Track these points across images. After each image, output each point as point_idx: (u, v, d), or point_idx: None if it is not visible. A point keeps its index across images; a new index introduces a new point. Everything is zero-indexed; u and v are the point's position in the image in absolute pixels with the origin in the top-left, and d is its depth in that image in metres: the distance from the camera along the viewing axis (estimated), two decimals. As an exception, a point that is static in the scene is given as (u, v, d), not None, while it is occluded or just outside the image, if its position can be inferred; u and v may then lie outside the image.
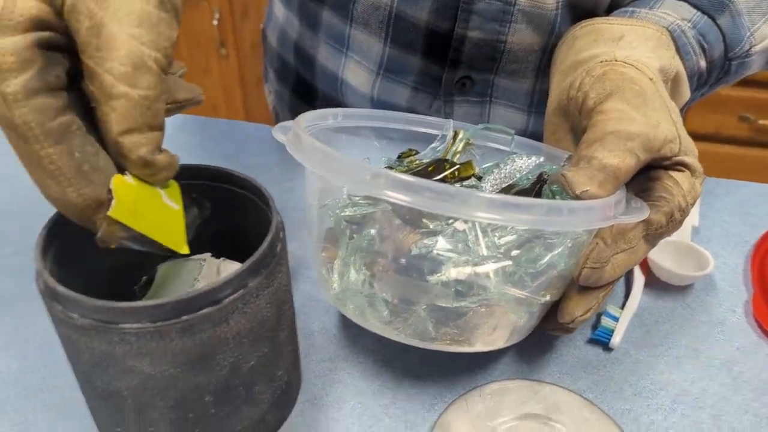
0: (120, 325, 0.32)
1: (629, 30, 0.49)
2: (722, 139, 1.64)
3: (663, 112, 0.43)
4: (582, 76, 0.47)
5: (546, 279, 0.43)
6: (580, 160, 0.41)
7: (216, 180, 0.43)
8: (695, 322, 0.53)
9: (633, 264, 0.44)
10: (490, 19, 0.57)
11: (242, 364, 0.37)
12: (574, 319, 0.44)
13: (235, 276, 0.34)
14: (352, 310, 0.45)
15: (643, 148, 0.41)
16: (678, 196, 0.43)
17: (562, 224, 0.37)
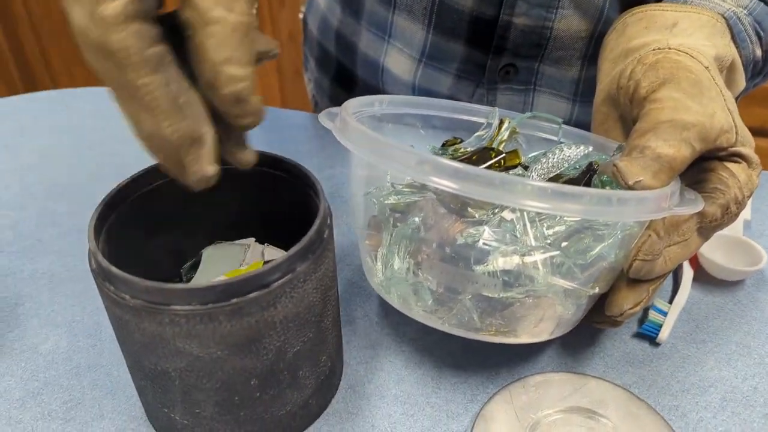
0: (171, 307, 0.33)
1: (683, 16, 0.48)
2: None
3: (719, 102, 0.42)
4: (633, 64, 0.46)
5: (595, 270, 0.42)
6: (632, 150, 0.40)
7: (262, 165, 0.43)
8: (746, 318, 0.52)
9: (686, 257, 0.43)
10: (536, 5, 0.56)
11: (288, 349, 0.37)
12: (623, 312, 0.43)
13: (284, 260, 0.34)
14: (396, 298, 0.45)
15: (698, 138, 0.40)
16: (734, 187, 0.42)
17: (614, 214, 0.36)
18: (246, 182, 0.44)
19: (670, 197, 0.38)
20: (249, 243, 0.45)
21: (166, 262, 0.46)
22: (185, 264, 0.47)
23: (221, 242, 0.46)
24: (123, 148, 0.74)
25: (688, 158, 0.40)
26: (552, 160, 0.46)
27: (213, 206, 0.45)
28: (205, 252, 0.46)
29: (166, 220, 0.44)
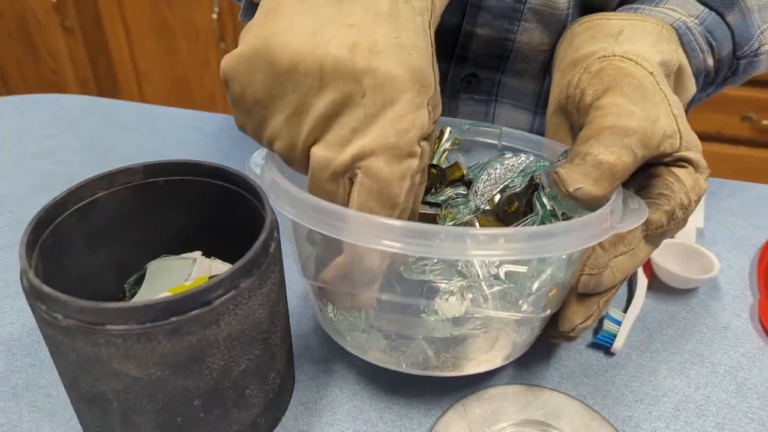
0: (106, 326, 0.31)
1: (628, 24, 0.48)
2: (724, 139, 1.62)
3: (663, 107, 0.42)
4: (580, 72, 0.46)
5: (545, 294, 0.41)
6: (574, 157, 0.39)
7: (209, 176, 0.42)
8: (699, 326, 0.52)
9: (634, 267, 0.43)
10: (499, 16, 0.55)
11: (233, 367, 0.36)
12: (575, 327, 0.43)
13: (227, 276, 0.33)
14: (350, 342, 0.44)
15: (641, 145, 0.40)
16: (680, 192, 0.42)
17: (555, 248, 0.35)
18: (193, 194, 0.43)
19: (610, 216, 0.37)
20: (196, 257, 0.44)
21: (110, 276, 0.44)
22: (129, 279, 0.45)
23: (167, 256, 0.45)
24: (71, 158, 0.72)
25: (630, 165, 0.39)
26: (495, 174, 0.45)
27: (159, 218, 0.44)
28: (150, 266, 0.44)
29: (109, 233, 0.42)
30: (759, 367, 0.48)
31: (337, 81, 0.34)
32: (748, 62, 0.52)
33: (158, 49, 1.91)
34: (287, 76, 0.34)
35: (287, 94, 0.35)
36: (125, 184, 0.42)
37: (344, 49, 0.34)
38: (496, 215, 0.44)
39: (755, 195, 0.67)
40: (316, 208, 0.35)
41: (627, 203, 0.40)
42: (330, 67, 0.34)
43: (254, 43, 0.35)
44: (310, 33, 0.34)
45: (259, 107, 0.36)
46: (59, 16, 1.88)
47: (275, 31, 0.34)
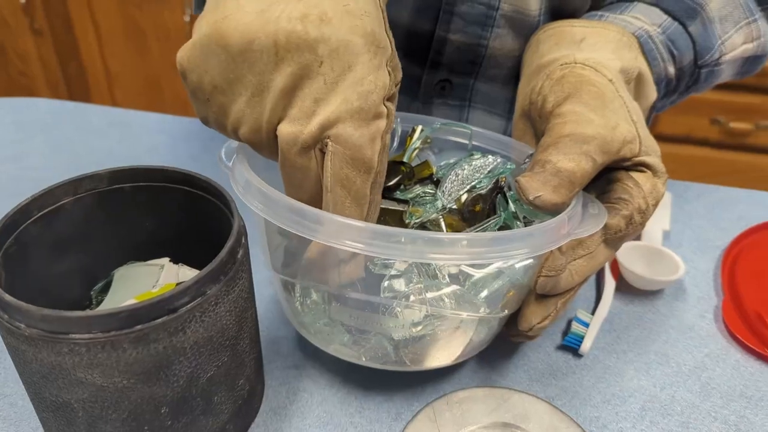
0: (69, 336, 0.31)
1: (591, 32, 0.49)
2: (694, 142, 1.65)
3: (622, 113, 0.43)
4: (543, 79, 0.46)
5: (502, 295, 0.42)
6: (535, 165, 0.40)
7: (175, 182, 0.42)
8: (665, 327, 0.53)
9: (593, 270, 0.44)
10: (472, 23, 0.56)
11: (200, 374, 0.35)
12: (532, 327, 0.43)
13: (193, 283, 0.33)
14: (313, 334, 0.45)
15: (600, 151, 0.40)
16: (638, 197, 0.43)
17: (513, 253, 0.36)
18: (160, 200, 0.43)
19: (568, 222, 0.38)
20: (163, 263, 0.44)
21: (76, 284, 0.44)
22: (96, 286, 0.45)
23: (134, 262, 0.45)
24: (39, 163, 0.71)
25: (589, 171, 0.40)
26: (463, 174, 0.45)
27: (126, 225, 0.44)
28: (117, 273, 0.44)
29: (75, 240, 0.42)
30: (722, 367, 0.49)
31: (292, 54, 0.34)
32: (710, 71, 0.53)
33: (129, 51, 1.89)
34: (242, 56, 0.34)
35: (245, 76, 0.35)
36: (91, 190, 0.41)
37: (295, 21, 0.34)
38: (461, 215, 0.45)
39: (719, 197, 0.68)
40: (287, 207, 0.35)
41: (587, 208, 0.41)
42: (283, 41, 0.34)
43: (205, 30, 0.35)
44: (259, 11, 0.34)
45: (217, 94, 0.36)
46: (28, 18, 1.85)
47: (225, 15, 0.34)
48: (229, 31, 0.34)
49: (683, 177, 0.72)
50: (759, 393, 0.47)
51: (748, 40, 0.53)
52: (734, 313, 0.54)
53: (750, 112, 1.59)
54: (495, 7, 0.55)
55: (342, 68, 0.34)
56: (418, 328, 0.41)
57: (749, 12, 0.53)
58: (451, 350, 0.44)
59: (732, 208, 0.67)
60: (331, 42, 0.34)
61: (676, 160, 1.66)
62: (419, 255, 0.34)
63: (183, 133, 0.77)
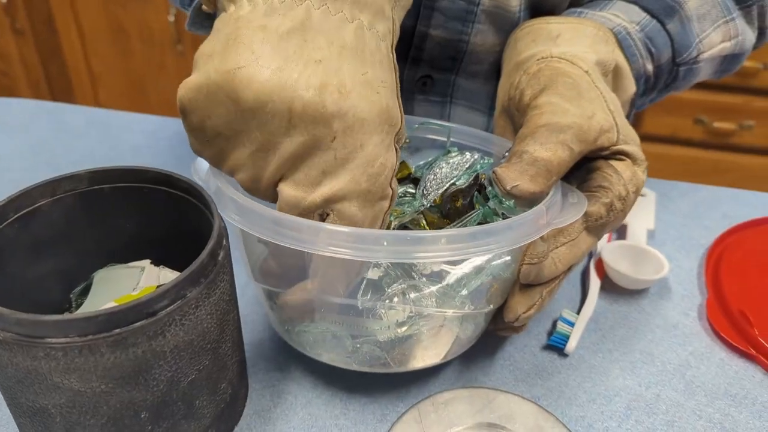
0: (45, 340, 0.30)
1: (566, 28, 0.49)
2: (678, 141, 1.66)
3: (599, 103, 0.43)
4: (520, 75, 0.47)
5: (486, 290, 0.42)
6: (512, 156, 0.41)
7: (156, 183, 0.41)
8: (650, 326, 0.53)
9: (576, 258, 0.44)
10: (452, 18, 0.56)
11: (181, 379, 0.35)
12: (518, 317, 0.43)
13: (172, 286, 0.32)
14: (296, 339, 0.45)
15: (576, 140, 0.41)
16: (617, 184, 0.43)
17: (493, 246, 0.36)
18: (141, 201, 0.42)
19: (547, 212, 0.38)
20: (144, 265, 0.43)
21: (55, 286, 0.43)
22: (76, 288, 0.44)
23: (115, 265, 0.44)
24: (17, 164, 0.70)
25: (566, 160, 0.40)
26: (441, 173, 0.45)
27: (106, 226, 0.43)
28: (97, 275, 0.43)
29: (53, 243, 0.41)
30: (706, 365, 0.49)
31: (306, 124, 0.33)
32: (688, 69, 0.53)
33: (113, 52, 1.87)
34: (252, 114, 0.33)
35: (252, 131, 0.34)
36: (70, 191, 0.40)
37: (313, 90, 0.33)
38: (440, 211, 0.45)
39: (703, 196, 0.69)
40: (262, 216, 0.35)
41: (567, 197, 0.41)
42: (299, 110, 0.33)
43: (215, 77, 0.33)
44: (276, 69, 0.33)
45: (220, 139, 0.35)
46: (9, 18, 1.83)
47: (238, 65, 0.33)
48: (242, 86, 0.33)
49: (668, 176, 0.72)
50: (743, 391, 0.47)
51: (726, 38, 0.54)
52: (718, 311, 0.54)
53: (733, 112, 1.60)
54: (475, 3, 0.54)
55: (354, 146, 0.34)
56: (403, 329, 0.41)
57: (727, 11, 0.53)
58: (438, 349, 0.44)
59: (716, 207, 0.67)
60: (347, 119, 0.34)
61: (660, 160, 1.67)
62: (402, 255, 0.34)
63: (166, 134, 0.76)
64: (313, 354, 0.45)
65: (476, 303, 0.42)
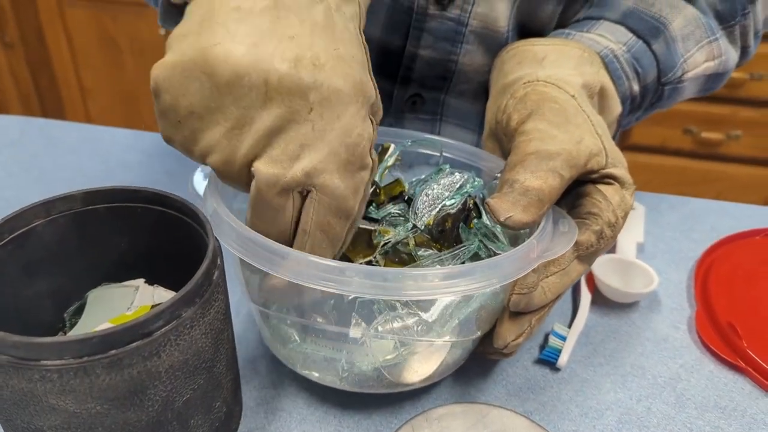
0: (41, 362, 0.30)
1: (551, 50, 0.50)
2: (668, 152, 1.68)
3: (586, 127, 0.43)
4: (507, 98, 0.47)
5: (474, 319, 0.42)
6: (503, 185, 0.41)
7: (150, 203, 0.41)
8: (641, 339, 0.53)
9: (566, 286, 0.44)
10: (441, 39, 0.56)
11: (176, 398, 0.35)
12: (507, 344, 0.43)
13: (168, 306, 0.33)
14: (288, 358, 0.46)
15: (566, 166, 0.41)
16: (607, 211, 0.43)
17: (486, 284, 0.36)
18: (135, 220, 0.42)
19: (538, 245, 0.38)
20: (138, 284, 0.43)
21: (49, 307, 0.43)
22: (69, 308, 0.44)
23: (108, 284, 0.44)
24: (7, 181, 0.70)
25: (557, 187, 0.40)
26: (432, 193, 0.46)
27: (100, 246, 0.43)
28: (91, 294, 0.43)
29: (47, 262, 0.41)
30: (696, 378, 0.50)
31: (282, 96, 0.34)
32: (673, 88, 0.54)
33: (104, 65, 1.87)
34: (228, 88, 0.34)
35: (227, 107, 0.34)
36: (64, 211, 0.41)
37: (288, 63, 0.34)
38: (431, 233, 0.45)
39: (691, 209, 0.70)
40: (255, 243, 0.36)
41: (557, 225, 0.41)
42: (275, 82, 0.33)
43: (191, 54, 0.34)
44: (251, 44, 0.34)
45: (192, 119, 0.35)
46: (-1, 31, 1.83)
47: (214, 42, 0.34)
48: (218, 60, 0.33)
49: (657, 186, 0.73)
50: (732, 403, 0.48)
51: (710, 58, 0.55)
52: (707, 323, 0.54)
53: (721, 123, 1.62)
54: (464, 24, 0.55)
55: (331, 117, 0.34)
56: (392, 356, 0.41)
57: (711, 32, 0.54)
58: (426, 372, 0.44)
59: (704, 220, 0.68)
60: (323, 90, 0.34)
61: (650, 170, 1.69)
62: (391, 292, 0.35)
63: (157, 150, 0.76)
64: (304, 373, 0.45)
65: (464, 330, 0.42)
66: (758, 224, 0.67)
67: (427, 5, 0.55)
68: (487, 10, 0.54)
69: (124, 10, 1.75)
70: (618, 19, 0.53)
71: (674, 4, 0.53)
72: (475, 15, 0.55)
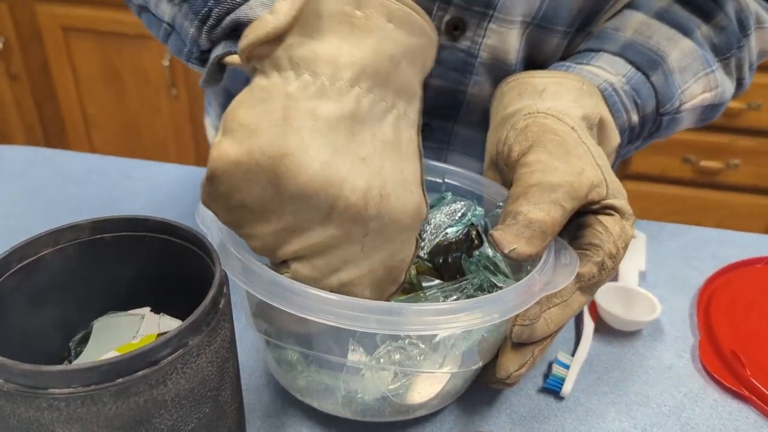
0: (48, 390, 0.31)
1: (551, 82, 0.50)
2: (667, 181, 1.69)
3: (587, 159, 0.44)
4: (507, 129, 0.48)
5: (475, 351, 0.42)
6: (506, 217, 0.41)
7: (156, 231, 0.42)
8: (644, 368, 0.53)
9: (568, 317, 0.44)
10: (451, 69, 0.57)
11: (181, 427, 0.35)
12: (509, 375, 0.43)
13: (175, 334, 0.33)
14: (292, 386, 0.46)
15: (568, 197, 0.42)
16: (608, 242, 0.43)
17: (488, 319, 0.36)
18: (141, 249, 0.42)
19: (540, 278, 0.39)
20: (144, 313, 0.43)
21: (54, 335, 0.43)
22: (75, 337, 0.44)
23: (114, 313, 0.44)
24: (14, 211, 0.70)
25: (560, 219, 0.41)
26: (435, 221, 0.46)
27: (106, 275, 0.43)
28: (96, 323, 0.43)
29: (54, 292, 0.41)
30: (701, 407, 0.50)
31: (344, 221, 0.34)
32: (671, 118, 0.55)
33: (108, 96, 1.89)
34: (291, 201, 0.34)
35: (284, 214, 0.34)
36: (72, 241, 0.41)
37: (358, 193, 0.34)
38: (432, 262, 0.45)
39: (692, 237, 0.70)
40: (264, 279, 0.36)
41: (559, 257, 0.42)
42: (341, 209, 0.34)
43: (259, 157, 0.33)
44: (325, 162, 0.33)
45: (244, 211, 0.35)
46: (5, 63, 1.85)
47: (286, 152, 0.33)
48: (289, 173, 0.33)
49: (657, 214, 0.74)
50: (738, 432, 0.48)
51: (707, 89, 0.56)
52: (711, 352, 0.54)
53: (719, 151, 1.63)
54: (474, 55, 0.56)
55: (383, 243, 0.36)
56: (394, 385, 0.41)
57: (707, 63, 0.55)
58: (426, 401, 0.44)
59: (705, 248, 0.68)
60: (384, 220, 0.35)
61: (650, 199, 1.69)
62: (393, 326, 0.35)
63: (162, 179, 0.77)
64: (306, 401, 0.45)
65: (467, 361, 0.43)
66: (759, 252, 0.67)
67: (439, 36, 0.56)
68: (498, 42, 0.55)
69: (129, 42, 1.77)
70: (617, 51, 0.54)
71: (672, 37, 0.54)
72: (485, 47, 0.56)
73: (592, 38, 0.57)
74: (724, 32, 0.56)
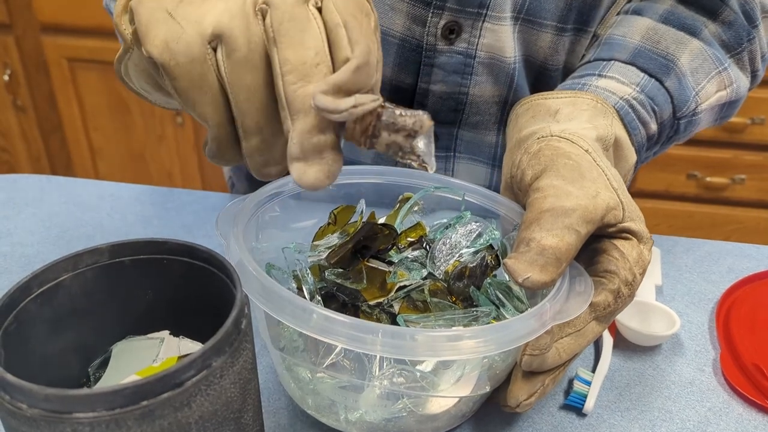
0: (73, 415, 0.30)
1: (564, 103, 0.50)
2: (673, 197, 1.69)
3: (601, 181, 0.43)
4: (521, 153, 0.47)
5: (486, 376, 0.42)
6: (520, 244, 0.40)
7: (177, 254, 0.42)
8: (666, 383, 0.53)
9: (582, 347, 0.43)
10: (451, 72, 0.58)
11: (205, 450, 0.35)
12: (519, 404, 0.43)
13: (199, 356, 0.32)
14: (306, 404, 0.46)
15: (583, 221, 0.41)
16: (624, 269, 0.43)
17: (495, 347, 0.36)
18: (160, 272, 0.42)
19: (551, 308, 0.38)
20: (163, 336, 0.43)
21: (73, 360, 0.43)
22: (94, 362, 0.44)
23: (133, 336, 0.44)
24: (28, 238, 0.70)
25: (574, 245, 0.40)
26: (450, 241, 0.46)
27: (125, 298, 0.43)
28: (116, 348, 0.43)
29: (73, 316, 0.41)
30: (726, 421, 0.49)
31: None
32: (688, 121, 0.55)
33: (113, 126, 1.90)
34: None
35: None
36: (91, 265, 0.41)
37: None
38: (447, 283, 0.45)
39: (707, 251, 0.70)
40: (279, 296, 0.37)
41: (573, 284, 0.41)
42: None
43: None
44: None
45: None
46: (11, 95, 1.87)
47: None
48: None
49: (664, 231, 0.74)
50: (765, 446, 0.47)
51: (721, 87, 0.56)
52: (732, 365, 0.54)
53: (724, 167, 1.63)
54: (472, 56, 0.57)
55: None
56: (399, 407, 0.41)
57: (719, 62, 0.56)
58: (432, 423, 0.44)
59: (720, 261, 0.68)
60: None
61: (656, 215, 1.69)
62: (401, 351, 0.35)
63: (174, 204, 0.77)
64: (323, 420, 0.45)
65: (475, 387, 0.42)
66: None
67: (435, 41, 0.56)
68: (493, 40, 0.56)
69: (135, 72, 1.79)
70: (628, 59, 0.54)
71: (679, 40, 0.55)
72: (482, 46, 0.56)
73: (602, 47, 0.57)
74: (732, 27, 0.56)
